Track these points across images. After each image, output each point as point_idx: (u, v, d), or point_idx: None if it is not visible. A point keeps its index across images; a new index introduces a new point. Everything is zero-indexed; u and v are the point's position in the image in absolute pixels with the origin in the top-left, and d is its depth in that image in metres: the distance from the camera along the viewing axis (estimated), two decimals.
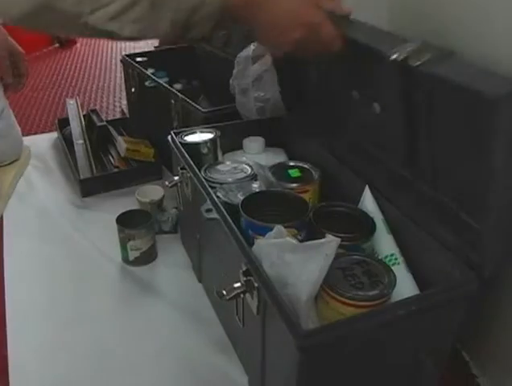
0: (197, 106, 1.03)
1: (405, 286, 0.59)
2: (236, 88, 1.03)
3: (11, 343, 0.73)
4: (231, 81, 1.04)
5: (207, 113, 1.01)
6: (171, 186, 0.78)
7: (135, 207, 0.96)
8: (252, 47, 1.03)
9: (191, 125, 0.90)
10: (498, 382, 0.68)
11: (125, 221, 0.85)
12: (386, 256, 0.62)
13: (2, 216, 1.02)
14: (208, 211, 0.64)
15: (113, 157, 1.22)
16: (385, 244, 0.64)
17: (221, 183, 0.71)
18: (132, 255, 0.86)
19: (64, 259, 0.90)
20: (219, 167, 0.76)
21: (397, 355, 0.54)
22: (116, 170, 1.18)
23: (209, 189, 0.67)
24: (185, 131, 0.83)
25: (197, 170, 0.71)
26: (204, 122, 0.94)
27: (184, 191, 0.78)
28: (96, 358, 0.71)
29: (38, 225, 1.00)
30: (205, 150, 0.79)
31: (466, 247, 0.56)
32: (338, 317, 0.53)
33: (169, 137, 0.81)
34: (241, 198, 0.66)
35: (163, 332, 0.75)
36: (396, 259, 0.62)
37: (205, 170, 0.74)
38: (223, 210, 0.63)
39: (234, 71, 1.03)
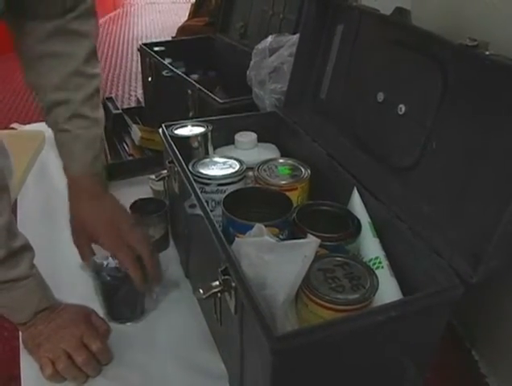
0: (214, 96, 1.02)
1: (388, 291, 0.57)
2: (253, 79, 1.01)
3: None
4: (248, 73, 1.03)
5: (224, 104, 0.99)
6: (158, 180, 0.78)
7: (149, 195, 0.96)
8: (269, 39, 1.01)
9: (207, 115, 0.89)
10: (507, 381, 0.67)
11: (139, 209, 0.85)
12: (371, 259, 0.60)
13: (16, 200, 1.04)
14: (192, 206, 0.63)
15: (127, 145, 1.23)
16: (369, 246, 0.62)
17: (208, 178, 0.70)
18: None
19: None
20: (207, 162, 0.74)
21: (376, 360, 0.52)
22: (130, 158, 1.19)
23: (194, 184, 0.66)
24: (177, 124, 0.81)
25: (184, 165, 0.70)
26: (221, 113, 0.94)
27: (172, 186, 0.77)
28: None
29: (51, 210, 1.01)
30: (195, 144, 0.77)
31: (456, 257, 0.53)
32: (317, 320, 0.51)
33: (160, 130, 0.80)
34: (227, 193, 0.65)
35: (163, 321, 0.75)
36: (380, 262, 0.60)
37: (193, 165, 0.73)
38: (206, 206, 0.62)
39: (251, 63, 1.02)
